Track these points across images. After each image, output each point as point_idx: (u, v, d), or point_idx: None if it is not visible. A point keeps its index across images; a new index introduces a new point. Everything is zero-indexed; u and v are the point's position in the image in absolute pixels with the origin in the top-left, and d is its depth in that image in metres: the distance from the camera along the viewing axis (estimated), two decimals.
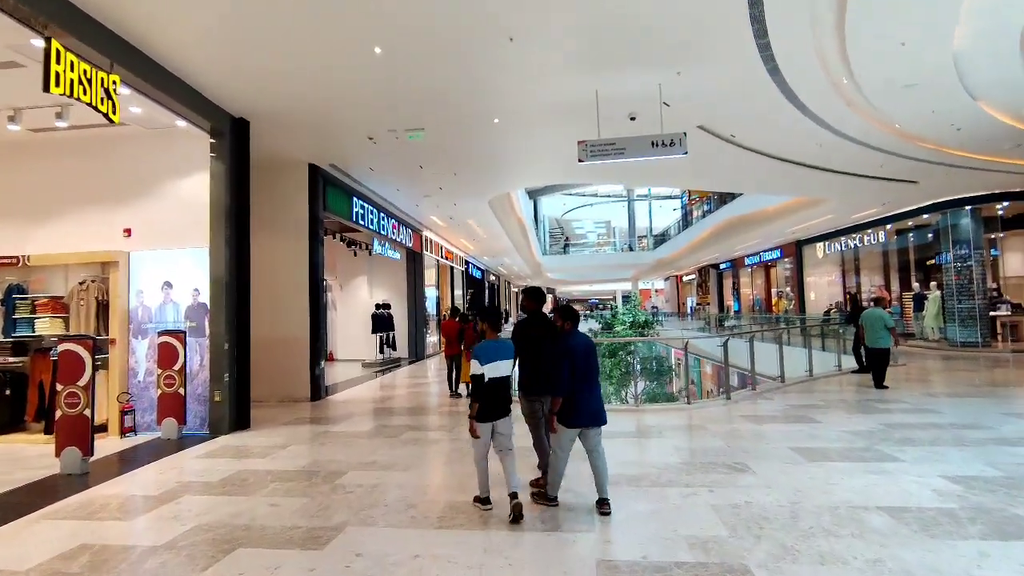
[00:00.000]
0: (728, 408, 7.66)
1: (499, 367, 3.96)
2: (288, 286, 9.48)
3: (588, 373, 4.01)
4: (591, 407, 4.00)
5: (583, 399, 3.97)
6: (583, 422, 3.97)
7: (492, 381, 3.92)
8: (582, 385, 3.96)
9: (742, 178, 12.48)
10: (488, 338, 4.11)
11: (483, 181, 11.50)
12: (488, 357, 3.91)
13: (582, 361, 3.98)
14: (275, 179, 9.55)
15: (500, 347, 4.02)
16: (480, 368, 3.88)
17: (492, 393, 3.93)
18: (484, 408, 3.91)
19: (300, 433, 6.85)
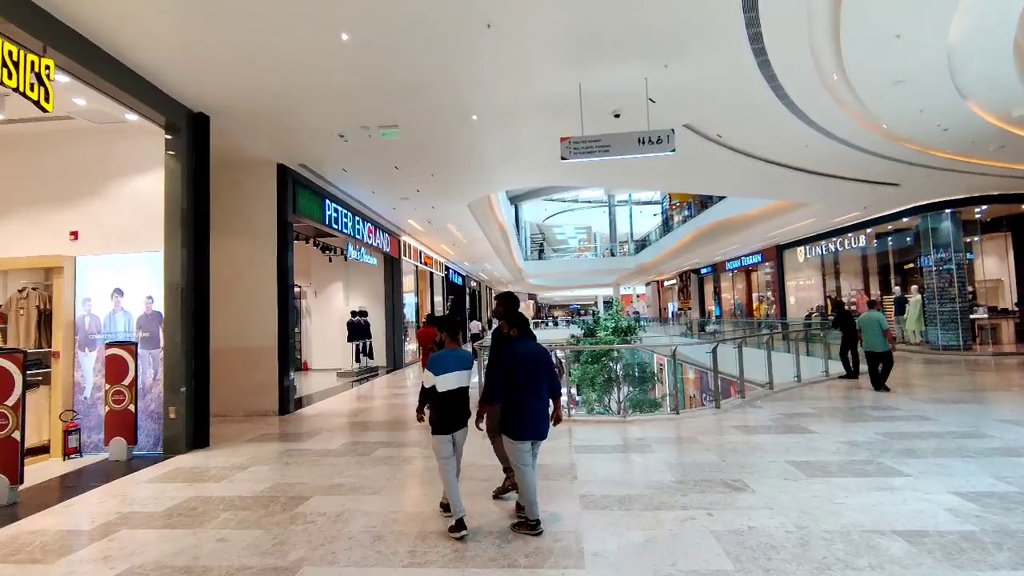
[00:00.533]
0: (718, 417, 7.34)
1: (455, 378, 3.84)
2: (255, 293, 8.95)
3: (536, 383, 3.81)
4: (542, 419, 3.82)
5: (532, 410, 3.78)
6: (530, 434, 3.78)
7: (448, 393, 3.80)
8: (529, 395, 3.78)
9: (727, 180, 12.27)
10: (447, 347, 3.98)
11: (462, 183, 11.10)
12: (442, 368, 3.81)
13: (526, 370, 3.79)
14: (241, 180, 9.03)
15: (457, 357, 3.90)
16: (432, 379, 3.77)
17: (449, 405, 3.80)
18: (443, 420, 3.78)
19: (264, 452, 6.33)
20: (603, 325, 24.13)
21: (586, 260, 44.26)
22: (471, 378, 4.03)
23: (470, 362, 3.98)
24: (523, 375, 3.79)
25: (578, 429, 6.98)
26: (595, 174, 11.70)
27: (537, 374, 3.83)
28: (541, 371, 3.86)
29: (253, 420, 8.40)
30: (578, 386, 30.34)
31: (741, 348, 8.54)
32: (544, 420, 3.85)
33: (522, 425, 3.75)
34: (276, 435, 7.29)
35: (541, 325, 45.97)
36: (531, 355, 3.86)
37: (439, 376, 3.79)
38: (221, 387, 8.74)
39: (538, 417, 3.80)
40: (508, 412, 3.79)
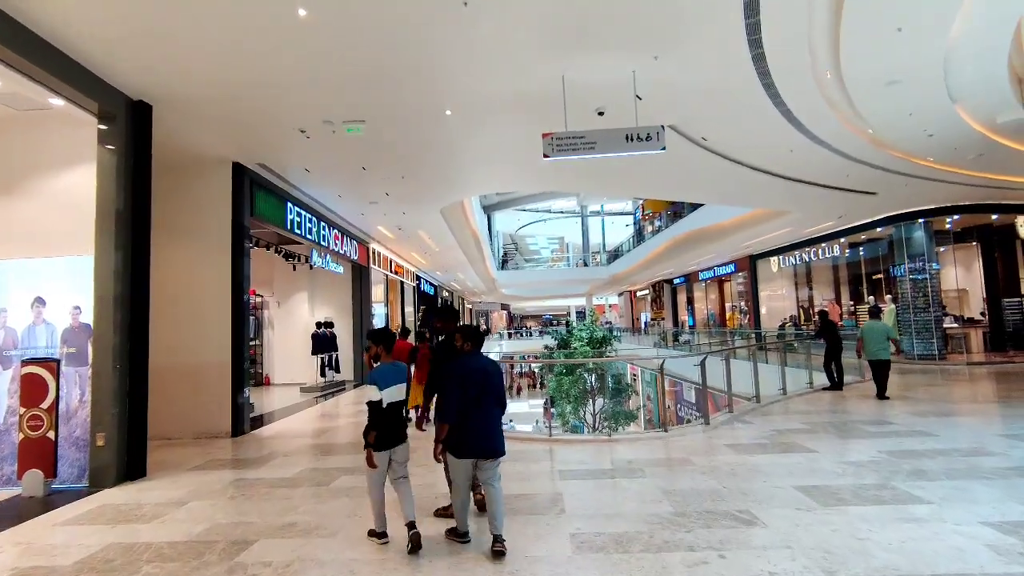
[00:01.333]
0: (708, 435, 6.88)
1: (396, 391, 3.84)
2: (206, 303, 8.16)
3: (484, 399, 3.69)
4: (486, 436, 3.68)
5: (476, 427, 3.66)
6: (475, 452, 3.65)
7: (390, 406, 3.78)
8: (476, 412, 3.67)
9: (708, 187, 11.98)
10: (383, 361, 3.90)
11: (435, 187, 10.52)
12: (386, 381, 3.77)
13: (476, 386, 3.68)
14: (191, 179, 8.27)
15: (396, 370, 3.90)
16: (379, 394, 3.71)
17: (390, 419, 3.79)
18: (383, 436, 3.74)
19: (208, 482, 5.58)
20: (577, 336, 23.73)
21: (559, 270, 43.98)
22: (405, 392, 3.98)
23: (404, 375, 3.96)
24: (473, 390, 3.67)
25: (561, 450, 6.42)
26: (573, 179, 11.26)
27: (488, 390, 3.72)
28: (490, 386, 3.74)
29: (202, 443, 7.59)
30: (552, 399, 29.88)
31: (729, 360, 8.13)
32: (495, 437, 3.72)
33: (468, 443, 3.64)
34: (225, 461, 6.52)
35: (515, 335, 45.47)
36: (482, 370, 3.76)
37: (385, 389, 3.74)
38: (167, 407, 7.93)
39: (488, 434, 3.68)
40: (454, 428, 3.68)
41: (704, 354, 7.67)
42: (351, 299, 15.71)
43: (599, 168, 9.98)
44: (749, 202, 14.02)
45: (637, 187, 12.67)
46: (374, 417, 3.72)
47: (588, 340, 22.68)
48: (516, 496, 4.71)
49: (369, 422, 3.74)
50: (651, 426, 27.94)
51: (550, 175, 10.52)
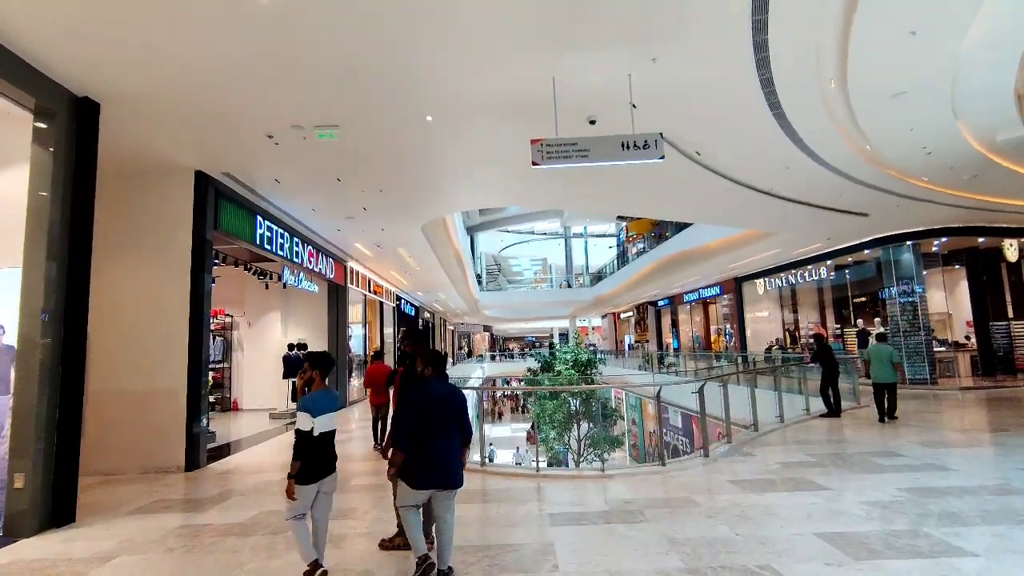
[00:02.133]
0: (709, 469, 6.34)
1: (329, 420, 3.66)
2: (161, 323, 7.45)
3: (444, 426, 3.56)
4: (445, 468, 3.54)
5: (435, 458, 3.52)
6: (432, 483, 3.52)
7: (322, 436, 3.59)
8: (434, 442, 3.52)
9: (698, 205, 11.63)
10: (316, 388, 3.73)
11: (415, 201, 9.98)
12: (320, 409, 3.59)
13: (436, 414, 3.55)
14: (149, 188, 7.62)
15: (330, 397, 3.73)
16: (310, 422, 3.51)
17: (321, 450, 3.60)
18: (313, 466, 3.56)
19: (146, 529, 4.85)
20: (561, 359, 23.16)
21: (543, 291, 43.55)
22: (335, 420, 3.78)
23: (338, 402, 3.83)
24: (432, 418, 3.53)
25: (550, 488, 5.82)
26: (558, 194, 10.82)
27: (449, 417, 3.58)
28: (451, 414, 3.61)
29: (150, 479, 6.82)
30: (536, 424, 29.14)
31: (727, 387, 7.63)
32: (453, 468, 3.57)
33: (426, 472, 3.50)
34: (172, 502, 5.78)
35: (500, 357, 44.74)
36: (444, 396, 3.62)
37: (319, 417, 3.55)
38: (112, 438, 7.18)
39: (446, 465, 3.54)
40: (412, 457, 3.54)
41: (703, 380, 7.17)
42: (327, 320, 15.00)
43: (586, 183, 9.57)
44: (739, 222, 13.74)
45: (624, 204, 12.30)
46: (301, 447, 3.51)
47: (573, 363, 22.16)
48: (500, 547, 4.09)
49: (295, 452, 3.53)
50: (636, 452, 27.33)
51: (536, 190, 10.08)
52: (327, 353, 3.99)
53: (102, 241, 7.49)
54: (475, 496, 5.56)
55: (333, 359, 3.99)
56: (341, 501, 5.57)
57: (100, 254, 7.51)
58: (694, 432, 20.95)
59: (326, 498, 3.71)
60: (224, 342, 14.95)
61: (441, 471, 3.51)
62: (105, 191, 7.49)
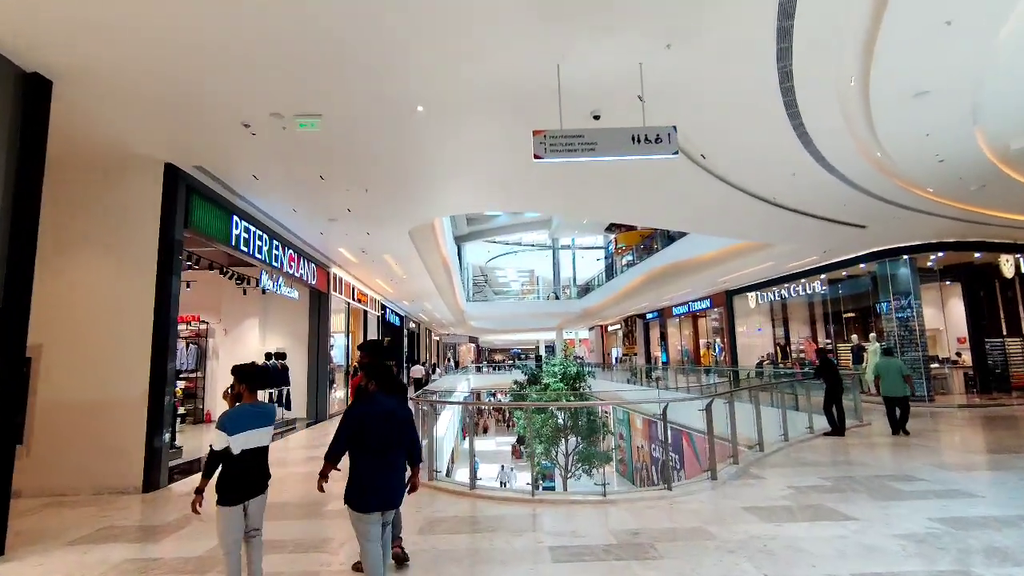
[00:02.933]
0: (719, 493, 5.84)
1: (254, 436, 3.43)
2: (122, 329, 6.81)
3: (386, 445, 3.39)
4: (388, 487, 3.37)
5: (378, 477, 3.35)
6: (374, 505, 3.30)
7: (247, 454, 3.37)
8: (376, 460, 3.36)
9: (697, 213, 11.24)
10: (245, 402, 3.50)
11: (403, 202, 9.46)
12: (238, 426, 3.34)
13: (378, 432, 3.38)
14: (113, 181, 7.01)
15: (258, 413, 3.49)
16: (224, 441, 3.28)
17: (246, 467, 3.38)
18: (236, 486, 3.35)
19: (86, 566, 4.22)
20: (549, 371, 22.60)
21: (530, 303, 43.13)
22: (270, 434, 3.58)
23: (271, 417, 3.59)
24: (373, 436, 3.36)
25: (548, 515, 5.27)
26: (553, 197, 10.30)
27: (389, 435, 3.40)
28: (394, 432, 3.42)
29: (102, 502, 6.14)
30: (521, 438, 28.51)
31: (732, 403, 7.18)
32: (392, 489, 3.39)
33: (366, 494, 3.31)
34: (122, 529, 5.13)
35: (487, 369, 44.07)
36: (384, 413, 3.42)
37: (233, 436, 3.30)
38: (62, 454, 6.52)
39: (385, 485, 3.36)
40: (351, 478, 3.36)
41: (710, 396, 6.69)
42: (308, 328, 14.35)
43: (581, 187, 9.14)
44: (736, 232, 13.39)
45: (619, 210, 11.84)
46: (211, 466, 3.36)
47: (562, 376, 21.62)
48: None
49: (204, 469, 3.40)
50: (623, 467, 26.78)
51: (530, 193, 9.60)
52: (256, 364, 3.80)
53: (58, 237, 6.91)
54: (463, 524, 5.00)
55: (264, 373, 4.01)
56: (315, 530, 4.98)
57: (55, 251, 6.92)
58: (684, 449, 20.52)
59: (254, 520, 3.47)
60: (198, 350, 14.21)
61: (381, 492, 3.32)
62: (64, 183, 6.96)
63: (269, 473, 3.57)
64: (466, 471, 6.25)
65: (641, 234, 31.70)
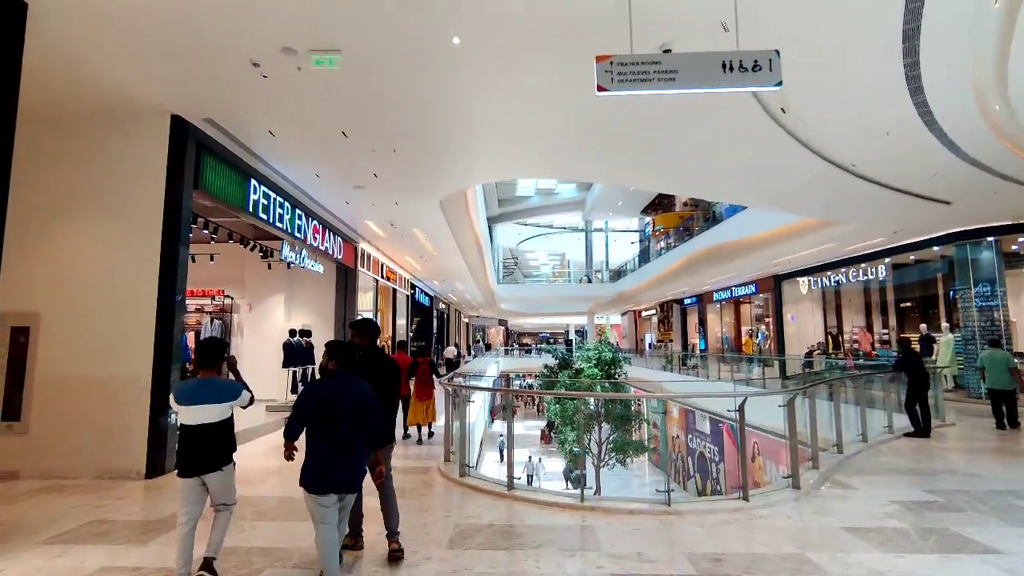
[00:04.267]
0: (807, 507, 4.87)
1: (201, 412, 3.37)
2: (123, 299, 6.15)
3: (337, 426, 3.23)
4: (338, 468, 3.22)
5: (327, 458, 3.22)
6: (321, 487, 3.18)
7: (194, 427, 3.35)
8: (326, 441, 3.23)
9: (756, 184, 10.04)
10: (202, 376, 3.51)
11: (434, 166, 8.56)
12: (187, 398, 3.37)
13: (329, 411, 3.24)
14: (111, 133, 6.32)
15: (209, 388, 3.44)
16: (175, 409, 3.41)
17: (195, 441, 3.35)
18: (186, 458, 3.36)
19: (55, 572, 3.54)
20: (583, 356, 21.64)
21: (562, 286, 42.11)
22: (227, 412, 3.51)
23: (227, 394, 3.50)
24: (328, 416, 3.25)
25: (601, 526, 4.40)
26: (598, 160, 9.19)
27: (346, 417, 3.27)
28: (351, 414, 3.28)
29: (101, 488, 5.53)
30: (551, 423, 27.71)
31: (814, 398, 6.15)
32: (347, 472, 3.27)
33: (318, 475, 3.21)
34: (112, 525, 4.46)
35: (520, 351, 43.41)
36: (342, 394, 3.32)
37: (183, 408, 3.36)
38: (62, 434, 5.93)
39: (339, 468, 3.23)
40: (306, 459, 3.28)
41: (792, 391, 5.68)
42: (334, 305, 13.73)
43: (632, 148, 8.10)
44: (801, 207, 12.02)
45: (673, 178, 10.58)
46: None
47: (596, 361, 20.65)
48: None
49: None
50: (656, 457, 25.73)
51: (574, 154, 8.55)
52: (213, 340, 3.83)
53: (57, 198, 6.27)
54: (501, 537, 4.16)
55: (219, 348, 3.66)
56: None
57: (54, 213, 6.29)
58: (725, 442, 19.38)
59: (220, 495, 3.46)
60: (222, 325, 13.75)
61: (333, 475, 3.22)
62: (62, 138, 6.31)
63: (229, 450, 3.49)
64: (493, 460, 5.45)
65: (680, 215, 30.26)
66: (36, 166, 6.28)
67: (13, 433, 6.01)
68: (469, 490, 5.47)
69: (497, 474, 5.78)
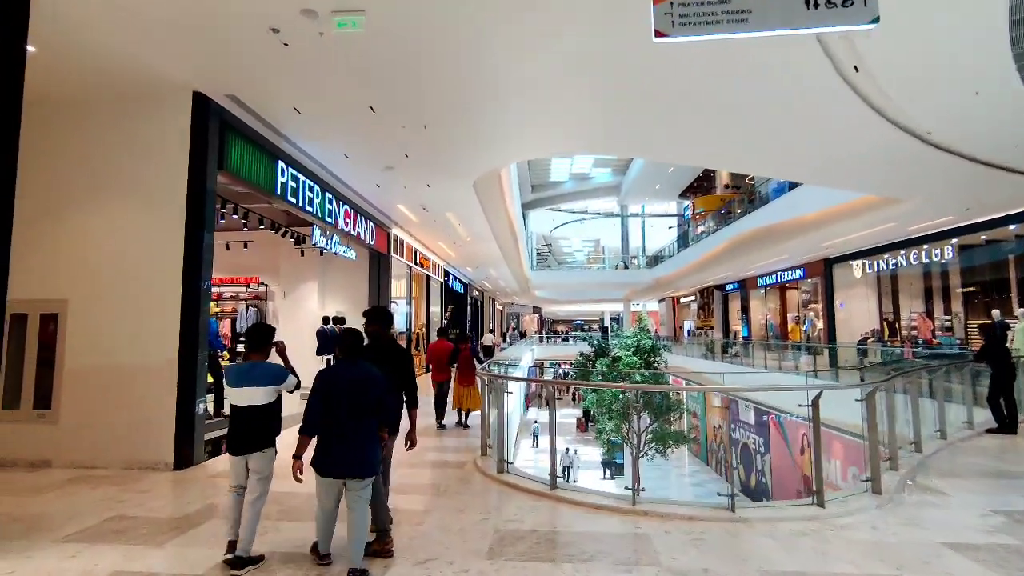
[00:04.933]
0: (893, 517, 4.26)
1: (248, 393, 3.52)
2: (147, 288, 5.94)
3: (347, 413, 3.34)
4: (344, 453, 3.34)
5: (338, 444, 3.34)
6: (330, 470, 3.34)
7: (242, 408, 3.52)
8: (340, 428, 3.33)
9: (814, 156, 9.20)
10: (251, 359, 3.66)
11: (467, 142, 8.09)
12: (236, 380, 3.53)
13: (342, 398, 3.35)
14: (131, 113, 6.09)
15: (256, 371, 3.57)
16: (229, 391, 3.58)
17: (242, 422, 3.52)
18: (233, 437, 3.55)
19: (73, 572, 3.28)
20: (622, 344, 21.02)
21: (597, 272, 41.21)
22: (272, 396, 3.59)
23: (272, 378, 3.59)
24: (333, 403, 3.35)
25: (658, 534, 3.90)
26: (644, 131, 8.58)
27: (351, 403, 3.34)
28: (356, 398, 3.36)
29: (128, 479, 5.35)
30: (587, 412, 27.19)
31: (891, 392, 5.48)
32: (352, 457, 3.33)
33: (324, 459, 3.36)
34: (132, 522, 4.22)
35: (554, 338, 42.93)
36: (350, 380, 3.39)
37: (232, 388, 3.53)
38: (91, 423, 5.79)
39: (344, 453, 3.33)
40: (317, 442, 3.41)
41: (872, 384, 5.04)
42: (367, 292, 13.50)
43: (682, 117, 7.45)
44: (864, 183, 10.96)
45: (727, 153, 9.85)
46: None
47: (635, 349, 20.01)
48: None
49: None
50: (696, 447, 24.94)
51: (619, 125, 7.92)
52: (260, 325, 3.88)
53: (75, 183, 6.08)
54: (545, 546, 3.72)
55: (267, 334, 3.83)
56: None
57: (73, 199, 6.09)
58: (771, 433, 18.51)
59: (255, 478, 3.52)
60: (257, 312, 13.74)
61: (338, 460, 3.34)
62: (76, 122, 6.12)
63: (272, 433, 3.59)
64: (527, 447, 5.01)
65: (722, 198, 29.10)
66: (60, 153, 6.13)
67: (45, 422, 5.90)
68: (508, 488, 5.06)
69: (533, 464, 5.35)
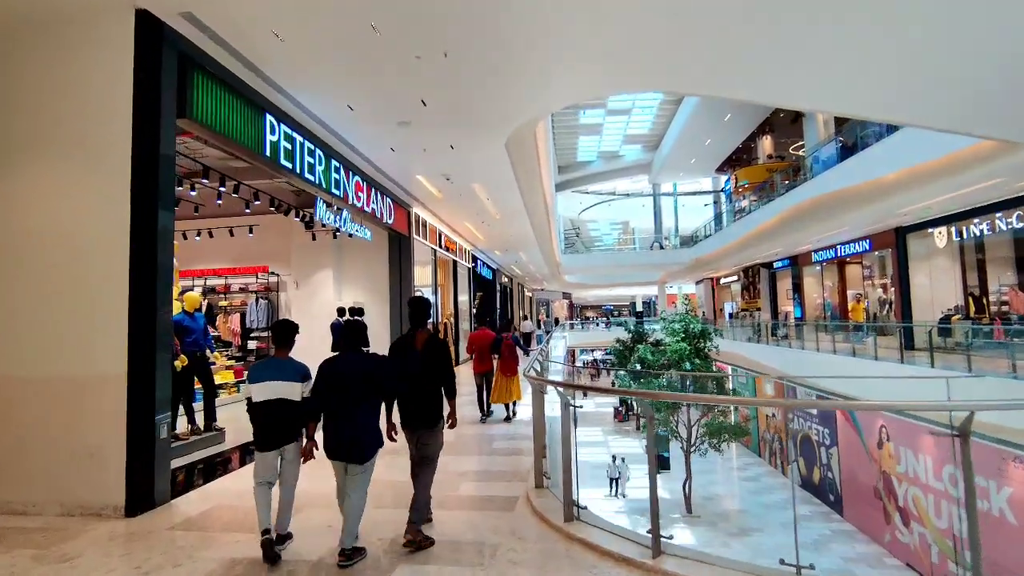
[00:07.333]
0: None
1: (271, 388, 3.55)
2: (84, 277, 4.48)
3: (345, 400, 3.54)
4: (343, 440, 3.52)
5: (336, 429, 3.54)
6: (335, 454, 3.54)
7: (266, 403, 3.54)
8: (339, 412, 3.53)
9: (917, 87, 7.16)
10: (276, 356, 3.75)
11: (498, 78, 6.32)
12: (257, 376, 3.61)
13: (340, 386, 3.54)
14: (47, 44, 4.59)
15: (279, 366, 3.65)
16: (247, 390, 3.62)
17: (267, 417, 3.55)
18: (262, 433, 3.57)
19: None
20: (670, 328, 19.13)
21: (631, 254, 39.20)
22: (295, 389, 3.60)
23: (295, 374, 3.64)
24: (332, 390, 3.56)
25: None
26: (715, 53, 6.77)
27: (349, 391, 3.54)
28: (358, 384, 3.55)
29: (59, 533, 3.92)
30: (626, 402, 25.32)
31: None
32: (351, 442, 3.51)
33: (329, 443, 3.56)
34: None
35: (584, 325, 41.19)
36: (350, 368, 3.60)
37: (252, 384, 3.58)
38: (20, 454, 4.37)
39: (344, 438, 3.52)
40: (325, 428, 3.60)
41: None
42: (388, 280, 12.04)
43: (761, 31, 5.61)
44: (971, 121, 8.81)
45: (814, 86, 7.89)
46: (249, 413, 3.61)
47: (684, 334, 18.15)
48: None
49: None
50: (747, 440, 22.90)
51: (682, 49, 6.13)
52: (285, 321, 3.89)
53: None
54: None
55: (291, 330, 3.81)
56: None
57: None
58: (839, 424, 16.49)
59: (290, 466, 3.61)
60: (269, 305, 12.39)
61: (339, 444, 3.51)
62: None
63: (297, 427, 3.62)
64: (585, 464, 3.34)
65: (768, 168, 26.80)
66: None
67: None
68: (581, 548, 3.45)
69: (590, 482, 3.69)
